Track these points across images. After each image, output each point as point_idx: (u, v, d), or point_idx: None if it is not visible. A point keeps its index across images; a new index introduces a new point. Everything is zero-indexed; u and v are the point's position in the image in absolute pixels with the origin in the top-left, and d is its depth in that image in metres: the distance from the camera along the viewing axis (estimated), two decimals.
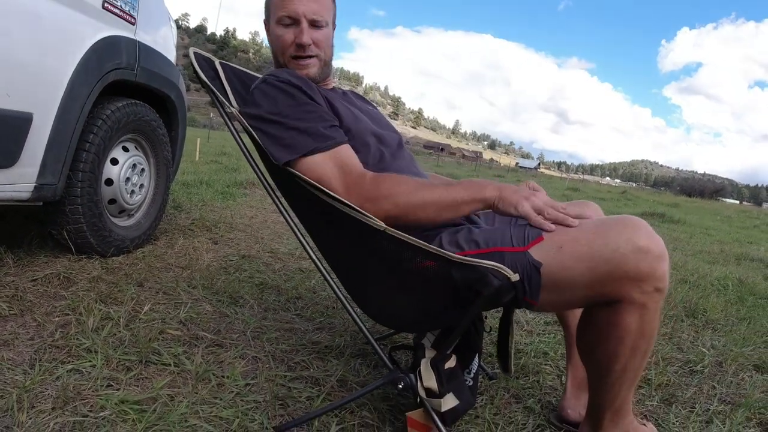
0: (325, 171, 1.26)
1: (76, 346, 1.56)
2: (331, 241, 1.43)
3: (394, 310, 1.35)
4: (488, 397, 1.63)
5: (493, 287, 1.07)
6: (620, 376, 1.20)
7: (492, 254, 1.16)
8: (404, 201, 1.22)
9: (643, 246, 1.07)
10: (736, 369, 2.15)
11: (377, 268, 1.30)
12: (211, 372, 1.52)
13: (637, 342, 1.15)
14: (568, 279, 1.12)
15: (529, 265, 1.13)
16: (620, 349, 1.16)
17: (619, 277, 1.08)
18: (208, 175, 6.30)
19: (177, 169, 3.29)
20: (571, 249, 1.12)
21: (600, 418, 1.28)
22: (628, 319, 1.12)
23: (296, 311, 2.15)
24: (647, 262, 1.07)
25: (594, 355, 1.22)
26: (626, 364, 1.18)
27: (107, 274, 2.23)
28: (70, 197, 2.25)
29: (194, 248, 2.84)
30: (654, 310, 1.12)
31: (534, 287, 1.13)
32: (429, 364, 1.25)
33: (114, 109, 2.40)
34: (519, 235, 1.18)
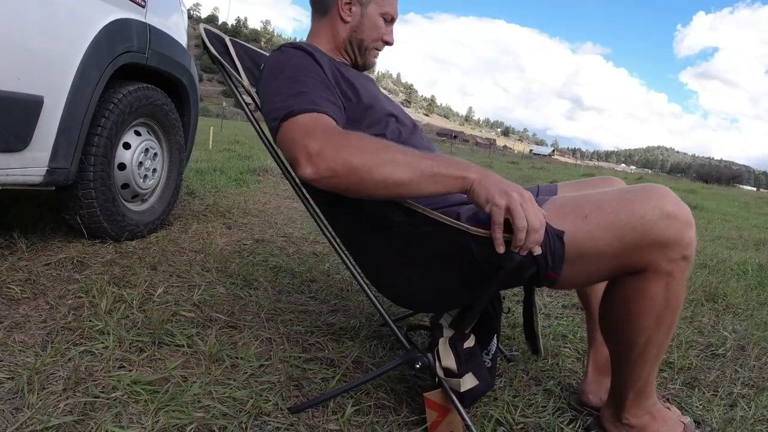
0: (298, 132, 1.13)
1: (89, 328, 1.54)
2: (347, 221, 1.39)
3: (411, 290, 1.31)
4: (507, 379, 1.60)
5: (515, 261, 1.04)
6: (644, 351, 1.17)
7: None
8: (372, 151, 1.08)
9: (671, 212, 1.04)
10: (759, 353, 2.10)
11: (393, 245, 1.26)
12: (224, 353, 1.50)
13: (663, 313, 1.12)
14: (593, 249, 1.09)
15: (551, 235, 1.09)
16: (645, 321, 1.13)
17: (646, 244, 1.05)
18: (221, 162, 6.30)
19: (190, 154, 3.27)
20: (597, 218, 1.08)
21: (623, 399, 1.25)
22: (654, 288, 1.09)
23: (310, 294, 2.13)
24: (674, 228, 1.04)
25: (617, 328, 1.19)
26: (650, 337, 1.14)
27: (121, 257, 2.22)
28: (82, 182, 2.23)
29: (208, 233, 2.82)
30: (680, 279, 1.09)
31: (557, 259, 1.10)
32: (447, 343, 1.22)
33: (126, 93, 2.38)
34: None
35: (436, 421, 1.24)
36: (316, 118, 1.15)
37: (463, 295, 1.25)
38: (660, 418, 1.28)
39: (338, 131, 1.12)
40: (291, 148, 1.12)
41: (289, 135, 1.14)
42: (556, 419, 1.41)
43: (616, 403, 1.28)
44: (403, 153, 1.09)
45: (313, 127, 1.12)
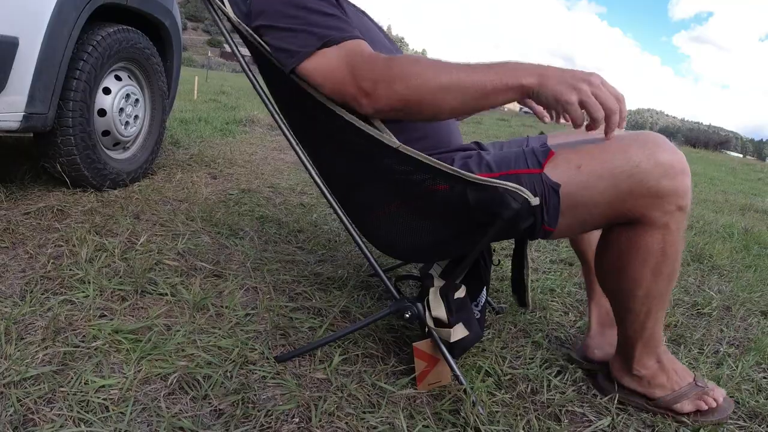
0: (331, 64, 1.09)
1: (69, 277, 1.50)
2: (338, 166, 1.33)
3: (403, 239, 1.28)
4: (495, 331, 1.58)
5: (512, 209, 1.00)
6: (645, 303, 1.16)
7: (507, 177, 1.08)
8: (420, 81, 1.04)
9: (666, 161, 1.02)
10: (744, 314, 2.11)
11: (386, 192, 1.22)
12: (209, 301, 1.47)
13: (660, 264, 1.10)
14: (587, 198, 1.06)
15: (546, 187, 1.06)
16: (642, 273, 1.11)
17: (640, 194, 1.03)
18: (206, 112, 6.17)
19: (173, 101, 3.18)
20: (590, 167, 1.05)
21: (631, 351, 1.26)
22: (649, 239, 1.08)
23: (297, 244, 2.09)
24: (669, 177, 1.02)
25: (615, 281, 1.18)
26: (650, 289, 1.13)
27: (102, 206, 2.16)
28: (61, 128, 2.15)
29: (193, 182, 2.76)
30: (676, 230, 1.07)
31: (552, 211, 1.07)
32: (438, 293, 1.20)
33: (105, 35, 2.28)
34: (531, 156, 1.11)
35: (425, 371, 1.23)
36: (355, 47, 1.10)
37: (456, 245, 1.22)
38: (670, 368, 1.28)
39: (383, 61, 1.07)
40: (338, 85, 1.09)
41: (329, 69, 1.09)
42: (544, 371, 1.40)
43: (625, 356, 1.28)
44: (455, 73, 1.04)
45: (357, 59, 1.08)
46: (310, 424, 1.07)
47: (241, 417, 1.06)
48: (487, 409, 1.19)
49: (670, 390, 1.27)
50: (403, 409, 1.15)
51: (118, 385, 1.09)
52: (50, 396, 1.04)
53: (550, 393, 1.29)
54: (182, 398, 1.09)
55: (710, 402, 1.26)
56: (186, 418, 1.03)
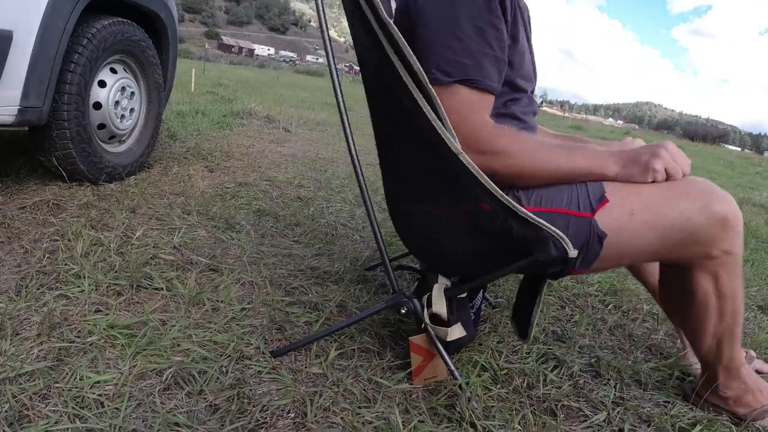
0: (455, 103, 1.09)
1: (64, 272, 1.49)
2: (401, 149, 1.28)
3: (428, 242, 1.27)
4: (491, 325, 1.58)
5: (549, 255, 1.00)
6: (714, 338, 1.19)
7: (555, 215, 1.08)
8: (519, 164, 1.10)
9: (718, 212, 1.05)
10: None
11: (433, 190, 1.19)
12: (205, 296, 1.46)
13: (720, 305, 1.14)
14: (633, 247, 1.09)
15: (593, 234, 1.07)
16: (704, 315, 1.16)
17: (689, 243, 1.06)
18: (203, 105, 6.13)
19: (169, 93, 3.16)
20: (643, 217, 1.06)
21: (714, 373, 1.27)
22: (703, 284, 1.12)
23: (294, 237, 2.09)
24: (720, 228, 1.05)
25: (682, 321, 1.25)
26: (716, 327, 1.17)
27: (98, 200, 2.15)
28: (57, 121, 2.14)
29: (189, 176, 2.75)
30: (727, 273, 1.10)
31: (591, 257, 1.08)
32: (442, 290, 1.19)
33: (100, 28, 2.26)
34: (584, 197, 1.10)
35: (421, 366, 1.23)
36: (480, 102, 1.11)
37: (479, 264, 1.20)
38: (755, 388, 1.29)
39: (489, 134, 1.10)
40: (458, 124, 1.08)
41: (457, 107, 1.09)
42: (540, 366, 1.40)
43: (710, 378, 1.29)
44: (555, 157, 1.10)
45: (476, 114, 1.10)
46: (306, 419, 1.07)
47: (236, 412, 1.06)
48: (483, 403, 1.19)
49: (755, 408, 1.28)
50: (398, 404, 1.15)
51: (113, 380, 1.09)
52: (45, 392, 1.03)
53: (546, 388, 1.29)
54: (177, 394, 1.09)
55: None
56: (181, 413, 1.03)
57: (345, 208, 2.63)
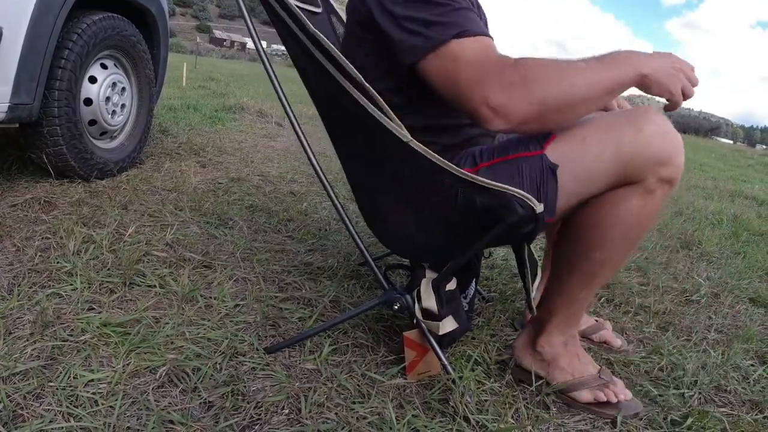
0: (464, 56, 1.01)
1: (57, 270, 1.49)
2: (358, 156, 1.31)
3: (402, 232, 1.27)
4: (485, 319, 1.59)
5: (517, 215, 1.00)
6: (594, 269, 1.16)
7: (507, 163, 1.09)
8: (558, 89, 1.00)
9: (669, 130, 1.05)
10: (732, 301, 2.13)
11: (395, 181, 1.20)
12: (198, 293, 1.46)
13: (631, 230, 1.11)
14: (591, 169, 1.07)
15: (545, 169, 1.06)
16: (611, 233, 1.11)
17: (642, 160, 1.04)
18: (195, 99, 6.10)
19: (161, 89, 3.15)
20: (596, 136, 1.06)
21: (547, 321, 1.26)
22: (633, 202, 1.08)
23: (287, 233, 2.09)
24: (671, 146, 1.04)
25: (577, 239, 1.17)
26: (609, 252, 1.14)
27: (90, 197, 2.14)
28: (47, 118, 2.12)
29: (181, 171, 2.74)
30: (659, 200, 1.08)
31: (550, 198, 1.07)
32: (430, 285, 1.20)
33: (90, 23, 2.24)
34: (533, 137, 1.10)
35: (415, 361, 1.23)
36: (483, 48, 1.03)
37: (453, 245, 1.21)
38: (573, 352, 1.29)
39: (511, 66, 1.01)
40: (463, 96, 1.02)
41: (452, 74, 1.02)
42: None
43: (538, 327, 1.28)
44: (583, 73, 1.02)
45: (482, 64, 1.01)
46: (300, 415, 1.07)
47: (230, 409, 1.06)
48: (476, 398, 1.19)
49: (570, 375, 1.26)
50: (392, 399, 1.15)
51: (106, 378, 1.08)
52: (39, 391, 1.03)
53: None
54: (171, 391, 1.09)
55: (610, 396, 1.24)
56: (175, 411, 1.03)
57: None
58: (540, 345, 1.28)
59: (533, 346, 1.29)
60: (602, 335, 1.55)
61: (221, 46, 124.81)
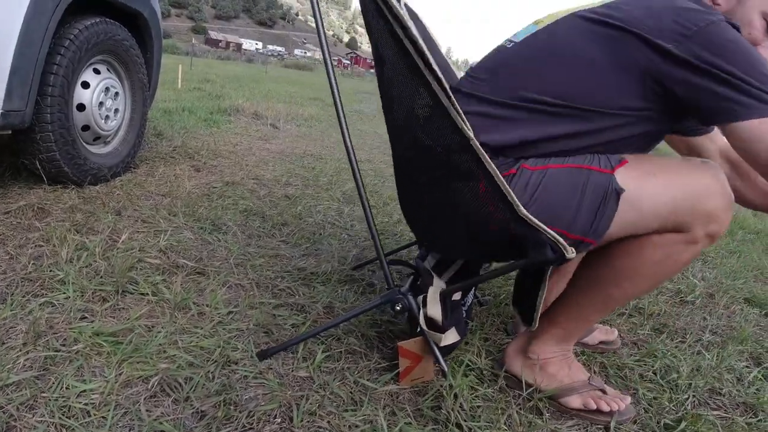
0: None
1: (49, 278, 1.48)
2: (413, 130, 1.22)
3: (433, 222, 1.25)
4: (478, 323, 1.59)
5: (544, 257, 1.00)
6: (613, 298, 1.18)
7: (578, 171, 1.08)
8: None
9: (726, 191, 1.06)
10: (727, 301, 2.13)
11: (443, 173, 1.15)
12: (190, 300, 1.46)
13: (662, 272, 1.14)
14: (650, 207, 1.07)
15: (610, 189, 1.06)
16: (643, 271, 1.13)
17: (698, 214, 1.06)
18: (190, 102, 6.10)
19: (154, 92, 3.14)
20: (664, 176, 1.08)
21: (547, 330, 1.27)
22: (675, 248, 1.10)
23: (282, 238, 2.08)
24: (723, 206, 1.06)
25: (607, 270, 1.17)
26: (632, 290, 1.16)
27: (84, 203, 2.14)
28: (40, 124, 2.12)
29: (176, 175, 2.74)
30: (698, 250, 1.11)
31: (605, 218, 1.07)
32: (438, 294, 1.19)
33: (82, 28, 2.24)
34: (604, 159, 1.11)
35: (409, 368, 1.23)
36: None
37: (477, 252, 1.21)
38: (564, 360, 1.29)
39: None
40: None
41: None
42: None
43: (534, 333, 1.29)
44: None
45: None
46: (292, 424, 1.07)
47: (222, 419, 1.06)
48: (469, 404, 1.20)
49: (560, 382, 1.27)
50: (384, 407, 1.15)
51: (99, 389, 1.08)
52: (32, 402, 1.03)
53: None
54: (164, 401, 1.09)
55: (601, 404, 1.24)
56: (167, 421, 1.03)
57: (333, 206, 2.62)
58: (532, 351, 1.28)
59: (525, 351, 1.29)
60: (595, 336, 1.56)
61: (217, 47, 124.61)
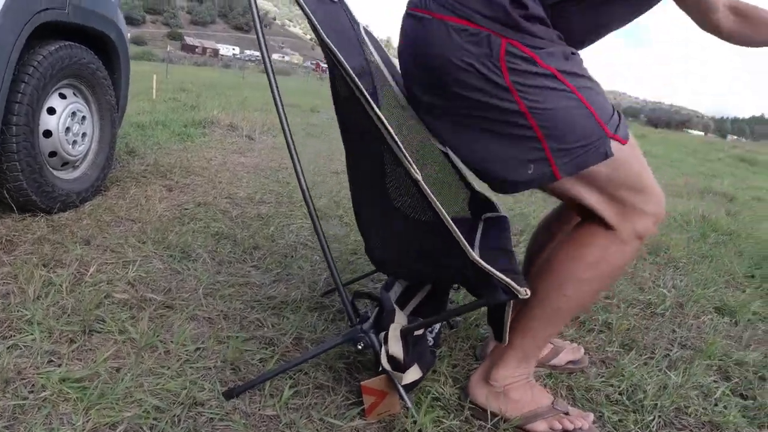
0: None
1: (17, 318, 1.47)
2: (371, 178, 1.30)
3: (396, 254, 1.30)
4: (447, 348, 1.60)
5: (499, 300, 1.02)
6: (560, 307, 1.22)
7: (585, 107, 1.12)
8: None
9: (663, 203, 1.21)
10: (697, 311, 2.17)
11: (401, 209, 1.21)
12: (157, 339, 1.45)
13: (596, 274, 1.19)
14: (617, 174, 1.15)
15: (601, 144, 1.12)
16: (587, 270, 1.19)
17: (639, 203, 1.17)
18: (164, 114, 6.05)
19: (123, 113, 3.11)
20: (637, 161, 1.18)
21: (505, 355, 1.29)
22: (609, 248, 1.17)
23: (253, 263, 2.08)
24: (657, 212, 1.18)
25: (547, 277, 1.22)
26: (576, 292, 1.20)
27: (52, 232, 2.11)
28: (6, 153, 2.10)
29: (147, 197, 2.72)
30: (626, 252, 1.18)
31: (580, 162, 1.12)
32: (398, 331, 1.20)
33: (46, 54, 2.22)
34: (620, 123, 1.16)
35: (375, 403, 1.24)
36: None
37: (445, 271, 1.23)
38: (526, 384, 1.31)
39: None
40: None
41: None
42: None
43: (493, 360, 1.31)
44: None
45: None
46: None
47: None
48: None
49: (523, 408, 1.28)
50: None
51: None
52: None
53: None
54: None
55: (566, 424, 1.26)
56: None
57: (306, 225, 2.62)
58: (494, 378, 1.29)
59: (487, 379, 1.30)
60: (562, 357, 1.57)
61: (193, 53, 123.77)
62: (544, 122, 1.09)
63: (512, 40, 1.07)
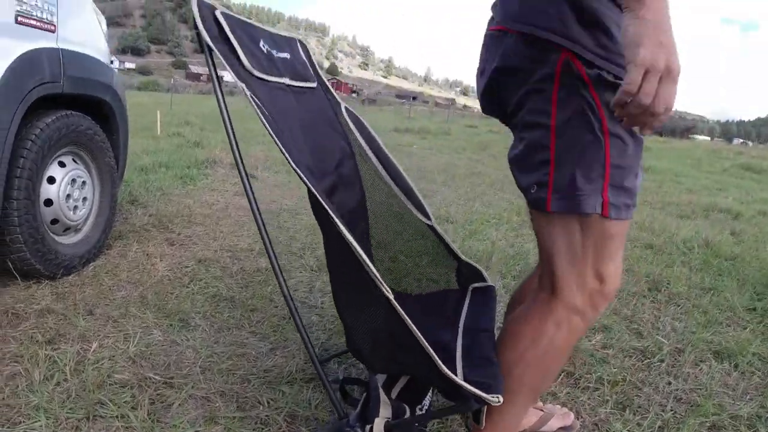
0: None
1: (25, 404, 1.51)
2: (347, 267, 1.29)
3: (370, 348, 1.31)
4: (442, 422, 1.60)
5: (468, 409, 1.06)
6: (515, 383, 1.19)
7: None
8: None
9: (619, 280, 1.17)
10: (696, 357, 2.17)
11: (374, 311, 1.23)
12: (156, 425, 1.47)
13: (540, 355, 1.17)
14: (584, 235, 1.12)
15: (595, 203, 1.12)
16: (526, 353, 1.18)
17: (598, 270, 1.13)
18: (168, 154, 6.14)
19: (123, 173, 3.17)
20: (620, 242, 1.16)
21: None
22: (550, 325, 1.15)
23: (250, 328, 2.10)
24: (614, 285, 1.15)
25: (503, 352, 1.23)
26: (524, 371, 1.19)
27: (56, 301, 2.16)
28: (8, 227, 2.15)
29: (148, 255, 2.76)
30: (576, 329, 1.15)
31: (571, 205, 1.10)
32: (383, 427, 1.22)
33: (44, 126, 2.27)
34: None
35: None
36: None
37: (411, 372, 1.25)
38: None
39: None
40: None
41: None
42: None
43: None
44: None
45: None
46: None
47: None
48: None
49: None
50: None
51: None
52: None
53: None
54: None
55: None
56: None
57: (304, 279, 2.65)
58: None
59: None
60: (552, 424, 1.58)
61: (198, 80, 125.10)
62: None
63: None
